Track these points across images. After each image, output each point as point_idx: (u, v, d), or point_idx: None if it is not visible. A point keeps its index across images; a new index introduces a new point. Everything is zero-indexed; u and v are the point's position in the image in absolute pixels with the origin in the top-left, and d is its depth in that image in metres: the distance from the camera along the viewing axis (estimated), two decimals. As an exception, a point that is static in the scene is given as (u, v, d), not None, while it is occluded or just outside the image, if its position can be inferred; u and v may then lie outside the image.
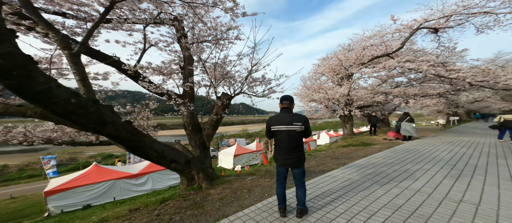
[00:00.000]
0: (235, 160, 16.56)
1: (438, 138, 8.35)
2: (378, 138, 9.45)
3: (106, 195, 7.15)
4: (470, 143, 6.81)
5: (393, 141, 8.33)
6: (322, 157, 5.43)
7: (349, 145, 8.17)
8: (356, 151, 6.01)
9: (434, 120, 38.93)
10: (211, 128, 3.69)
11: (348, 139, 10.55)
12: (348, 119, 11.52)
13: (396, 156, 4.77)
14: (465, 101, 21.64)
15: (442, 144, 6.58)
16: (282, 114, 2.09)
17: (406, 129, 7.99)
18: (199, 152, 3.64)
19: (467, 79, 8.91)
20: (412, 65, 9.64)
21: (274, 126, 2.08)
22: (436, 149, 5.62)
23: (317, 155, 5.89)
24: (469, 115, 31.63)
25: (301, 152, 2.07)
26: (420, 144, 6.59)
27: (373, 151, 5.87)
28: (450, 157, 4.63)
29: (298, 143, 2.03)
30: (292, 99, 2.14)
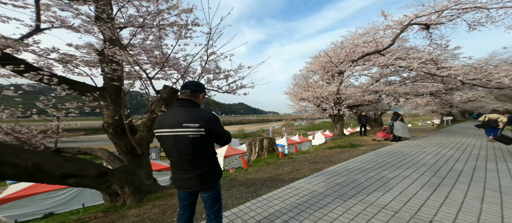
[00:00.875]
0: (226, 161, 16.12)
1: (428, 139, 8.00)
2: (367, 139, 9.09)
3: (73, 202, 6.63)
4: (460, 144, 6.45)
5: (381, 142, 7.96)
6: (301, 161, 5.01)
7: (336, 146, 7.79)
8: (340, 154, 5.62)
9: (430, 119, 38.99)
10: (146, 130, 3.11)
11: (338, 139, 10.17)
12: (338, 119, 11.14)
13: (377, 160, 4.37)
14: (459, 101, 21.43)
15: (430, 146, 6.21)
16: (172, 110, 1.37)
17: (398, 129, 7.63)
18: (127, 160, 3.09)
19: (458, 77, 8.57)
20: (403, 62, 9.29)
21: (157, 129, 1.36)
22: (422, 151, 5.24)
23: (297, 159, 5.47)
24: (464, 114, 31.64)
25: (205, 167, 1.36)
26: (407, 146, 6.21)
27: (358, 153, 5.48)
28: (435, 160, 4.24)
29: (196, 155, 1.32)
30: (197, 87, 1.41)
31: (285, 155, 7.48)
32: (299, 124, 78.67)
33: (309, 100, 9.76)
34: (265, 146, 7.82)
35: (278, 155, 6.88)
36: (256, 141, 7.71)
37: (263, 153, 7.61)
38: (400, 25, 9.68)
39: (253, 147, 7.71)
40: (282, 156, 6.51)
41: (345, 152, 5.91)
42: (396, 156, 4.68)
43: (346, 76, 11.08)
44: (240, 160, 10.83)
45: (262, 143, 7.87)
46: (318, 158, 5.22)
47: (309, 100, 9.70)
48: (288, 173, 3.74)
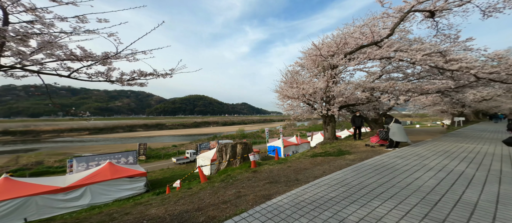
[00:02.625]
0: (214, 165, 15.13)
1: (433, 145, 6.64)
2: (360, 144, 7.81)
3: (12, 216, 5.83)
4: (474, 154, 5.09)
5: (375, 148, 6.68)
6: (262, 178, 3.90)
7: (321, 153, 6.62)
8: (318, 166, 4.47)
9: (440, 120, 36.47)
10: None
11: (327, 144, 8.92)
12: (329, 120, 9.86)
13: (353, 181, 3.19)
14: (472, 100, 19.43)
15: (434, 155, 4.90)
16: None
17: (395, 133, 6.33)
18: None
19: (472, 71, 7.14)
20: (404, 55, 7.94)
21: None
22: (421, 165, 3.98)
23: (264, 171, 4.36)
24: (477, 115, 29.18)
25: None
26: (404, 155, 4.94)
27: (339, 165, 4.31)
28: (435, 182, 3.01)
29: None
30: None
31: (260, 163, 6.35)
32: (302, 124, 76.78)
33: (293, 98, 8.57)
34: (239, 153, 6.69)
35: (249, 165, 5.77)
36: (228, 147, 6.59)
37: (235, 161, 6.50)
38: (400, 12, 8.34)
39: (224, 154, 6.61)
40: (254, 166, 5.39)
41: (326, 162, 4.75)
42: (383, 173, 3.47)
43: (339, 72, 9.77)
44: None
45: (235, 149, 6.76)
46: (287, 172, 4.08)
47: (293, 98, 8.51)
48: (220, 204, 2.64)
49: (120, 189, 8.34)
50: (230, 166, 6.32)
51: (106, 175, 8.08)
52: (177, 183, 5.57)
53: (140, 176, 9.06)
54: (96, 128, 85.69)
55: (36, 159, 20.16)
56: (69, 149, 41.20)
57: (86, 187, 7.33)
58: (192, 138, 51.91)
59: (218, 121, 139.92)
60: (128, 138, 63.83)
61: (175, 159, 18.95)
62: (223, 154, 6.51)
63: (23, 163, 18.47)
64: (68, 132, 76.11)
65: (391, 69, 12.52)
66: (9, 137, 62.35)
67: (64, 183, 7.10)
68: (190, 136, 62.07)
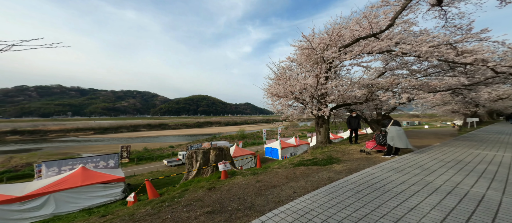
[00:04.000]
0: (202, 168, 14.42)
1: (441, 152, 5.55)
2: (356, 149, 6.80)
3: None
4: (495, 166, 4.02)
5: (371, 155, 5.67)
6: (217, 196, 3.05)
7: (306, 161, 5.71)
8: (296, 179, 3.61)
9: (450, 120, 34.31)
10: None
11: (318, 149, 7.94)
12: (322, 121, 8.85)
13: (319, 214, 2.27)
14: (486, 99, 17.74)
15: (442, 168, 3.87)
16: None
17: (393, 137, 5.31)
18: None
19: (489, 64, 6.00)
20: (407, 47, 6.88)
21: None
22: (423, 184, 2.99)
23: (224, 187, 3.51)
24: (492, 115, 27.10)
25: None
26: (402, 167, 3.93)
27: (318, 180, 3.42)
28: (439, 218, 2.03)
29: None
30: None
31: (235, 172, 5.48)
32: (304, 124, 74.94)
33: (279, 96, 7.64)
34: (212, 160, 5.84)
35: (219, 176, 4.92)
36: (199, 153, 5.74)
37: (206, 169, 5.65)
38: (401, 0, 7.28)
39: (194, 161, 5.76)
40: (224, 177, 4.54)
41: (305, 176, 3.84)
42: (366, 198, 2.52)
43: (334, 68, 8.75)
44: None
45: (207, 155, 5.91)
46: (249, 190, 3.21)
47: (279, 95, 7.58)
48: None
49: (92, 196, 7.67)
50: (200, 175, 5.48)
51: (76, 181, 7.44)
52: (132, 196, 4.79)
53: (117, 181, 8.38)
54: (101, 128, 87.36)
55: (27, 160, 20.08)
56: (71, 149, 41.74)
57: (50, 195, 6.69)
58: (193, 138, 51.67)
59: (221, 121, 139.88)
60: (131, 137, 64.51)
61: (166, 161, 18.34)
62: (193, 161, 5.65)
63: (13, 165, 18.35)
64: (74, 131, 77.88)
65: (395, 66, 11.36)
66: (17, 137, 64.32)
67: (22, 191, 6.48)
68: (191, 136, 61.99)
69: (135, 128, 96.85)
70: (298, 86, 6.81)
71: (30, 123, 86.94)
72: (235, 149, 19.01)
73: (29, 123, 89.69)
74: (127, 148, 13.04)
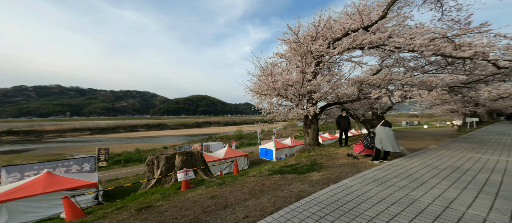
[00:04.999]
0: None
1: (436, 156, 4.92)
2: (344, 152, 6.18)
3: None
4: (499, 175, 3.40)
5: (358, 160, 5.04)
6: (156, 217, 2.41)
7: (292, 165, 5.14)
8: (259, 195, 3.03)
9: (449, 120, 33.70)
10: None
11: (305, 152, 7.32)
12: (310, 122, 8.23)
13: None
14: (486, 98, 17.14)
15: (435, 177, 3.25)
16: None
17: (382, 139, 4.68)
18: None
19: (490, 57, 5.37)
20: (400, 40, 6.28)
21: None
22: (406, 201, 2.36)
23: (162, 207, 2.88)
24: (492, 115, 26.49)
25: None
26: (386, 178, 3.31)
27: (286, 197, 2.82)
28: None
29: None
30: None
31: (203, 181, 4.84)
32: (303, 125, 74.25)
33: (261, 93, 7.00)
34: (177, 166, 5.15)
35: (179, 186, 4.25)
36: (161, 159, 5.05)
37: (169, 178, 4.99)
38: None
39: (155, 168, 5.08)
40: (186, 188, 3.90)
41: (273, 190, 3.21)
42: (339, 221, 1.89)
43: (323, 63, 8.09)
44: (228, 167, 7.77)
45: (171, 161, 5.22)
46: (195, 210, 2.60)
47: (261, 93, 6.95)
48: None
49: (56, 204, 7.01)
50: (162, 184, 4.81)
51: (36, 188, 6.79)
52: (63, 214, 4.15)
53: (87, 187, 7.73)
54: (98, 128, 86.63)
55: (6, 162, 19.26)
56: (65, 150, 41.08)
57: (1, 205, 6.04)
58: (191, 138, 51.08)
59: (220, 121, 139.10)
60: (130, 138, 63.86)
61: None
62: (154, 168, 4.98)
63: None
64: (70, 131, 77.17)
65: (392, 63, 10.76)
66: (12, 137, 63.63)
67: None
68: (189, 136, 61.42)
69: (133, 128, 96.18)
70: (280, 82, 6.18)
71: (26, 123, 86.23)
72: (226, 150, 18.33)
73: (26, 123, 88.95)
74: (105, 150, 12.40)
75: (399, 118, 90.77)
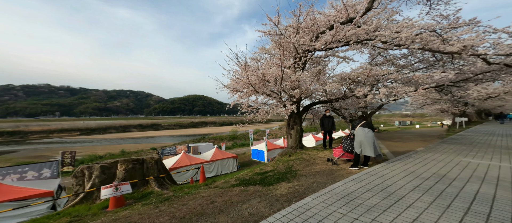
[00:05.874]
0: (173, 176, 12.79)
1: (421, 161, 4.42)
2: (325, 156, 5.62)
3: None
4: (491, 185, 2.90)
5: (338, 165, 4.48)
6: None
7: (263, 173, 4.59)
8: (206, 215, 2.34)
9: (439, 120, 34.05)
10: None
11: (286, 156, 6.74)
12: (293, 122, 7.64)
13: None
14: (475, 98, 17.12)
15: (414, 191, 2.70)
16: None
17: (361, 142, 4.12)
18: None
19: (480, 52, 4.92)
20: (386, 33, 5.81)
21: None
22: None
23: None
24: (480, 115, 26.80)
25: None
26: (357, 193, 2.74)
27: (227, 221, 2.16)
28: None
29: None
30: None
31: (146, 196, 4.11)
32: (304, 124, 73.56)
33: (235, 90, 6.36)
34: (120, 177, 4.22)
35: (107, 205, 3.39)
36: (94, 169, 4.08)
37: (101, 193, 4.12)
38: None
39: (86, 180, 4.15)
40: (116, 206, 3.08)
41: (219, 212, 2.58)
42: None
43: (308, 58, 7.50)
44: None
45: (110, 172, 4.26)
46: None
47: (235, 89, 6.30)
48: None
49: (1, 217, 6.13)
50: (92, 200, 3.89)
51: (-26, 200, 5.91)
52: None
53: (42, 196, 6.86)
54: (88, 128, 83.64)
55: None
56: (49, 151, 39.19)
57: None
58: (184, 138, 49.89)
59: (216, 121, 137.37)
60: (121, 138, 61.85)
61: None
62: (84, 180, 4.06)
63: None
64: (58, 132, 74.18)
65: (382, 61, 10.37)
66: (-5, 138, 60.52)
67: None
68: (183, 137, 60.18)
69: (125, 128, 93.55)
70: (253, 77, 5.55)
71: (12, 124, 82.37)
72: (214, 152, 17.55)
73: (11, 123, 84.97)
74: (70, 154, 11.42)
75: (392, 117, 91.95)
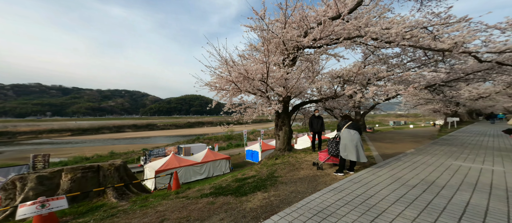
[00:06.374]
0: (160, 178, 12.22)
1: (411, 165, 4.13)
2: (311, 161, 5.28)
3: None
4: (481, 195, 2.61)
5: (323, 170, 4.14)
6: None
7: (242, 180, 4.24)
8: None
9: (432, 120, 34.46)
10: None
11: (272, 159, 6.37)
12: (282, 123, 7.29)
13: None
14: (467, 98, 17.23)
15: (397, 203, 2.38)
16: None
17: (346, 146, 3.79)
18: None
19: (471, 49, 4.68)
20: (375, 29, 5.53)
21: None
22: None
23: None
24: (471, 115, 27.20)
25: None
26: (336, 207, 2.40)
27: None
28: None
29: None
30: None
31: (97, 212, 3.66)
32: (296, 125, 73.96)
33: (218, 88, 5.94)
34: (64, 188, 3.62)
35: None
36: (28, 180, 3.39)
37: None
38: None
39: (17, 193, 3.53)
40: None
41: (212, 212, 2.17)
42: None
43: (298, 56, 7.15)
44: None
45: (51, 182, 3.52)
46: None
47: (216, 87, 5.88)
48: None
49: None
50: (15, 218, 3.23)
51: None
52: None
53: None
54: (80, 129, 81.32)
55: None
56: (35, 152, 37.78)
57: None
58: (180, 138, 49.04)
59: (213, 121, 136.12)
60: (114, 139, 60.30)
61: None
62: (15, 193, 3.47)
63: None
64: (47, 133, 71.80)
65: (374, 60, 10.18)
66: (-20, 139, 58.05)
67: None
68: (179, 137, 59.26)
69: (119, 128, 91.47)
70: (234, 73, 5.16)
71: (0, 124, 79.29)
72: (206, 153, 17.05)
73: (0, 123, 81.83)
74: (43, 157, 10.67)
75: (387, 118, 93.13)
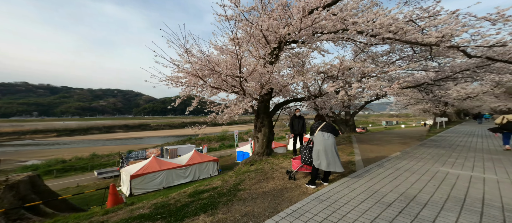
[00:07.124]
0: (137, 183, 11.29)
1: (392, 173, 3.62)
2: (288, 166, 4.70)
3: None
4: (471, 216, 2.09)
5: (295, 181, 3.56)
6: None
7: (201, 192, 3.58)
8: None
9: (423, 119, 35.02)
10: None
11: (247, 165, 5.77)
12: (261, 124, 6.67)
13: None
14: (455, 98, 17.30)
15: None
16: None
17: (319, 152, 3.21)
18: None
19: (459, 43, 4.24)
20: (359, 21, 5.03)
21: None
22: None
23: None
24: (459, 115, 27.68)
25: None
26: None
27: None
28: None
29: None
30: None
31: None
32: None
33: (182, 84, 5.24)
34: None
35: None
36: None
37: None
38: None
39: None
40: None
41: None
42: None
43: (280, 51, 6.54)
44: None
45: None
46: None
47: (176, 81, 5.17)
48: None
49: None
50: None
51: None
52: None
53: None
54: (68, 129, 77.97)
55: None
56: (15, 155, 35.64)
57: None
58: (173, 139, 47.77)
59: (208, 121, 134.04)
60: (104, 140, 58.05)
61: (96, 172, 14.89)
62: None
63: None
64: (31, 133, 68.32)
65: (364, 58, 9.77)
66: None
67: None
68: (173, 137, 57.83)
69: (109, 129, 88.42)
70: (198, 66, 4.49)
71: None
72: (192, 154, 16.24)
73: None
74: None
75: (380, 117, 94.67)
